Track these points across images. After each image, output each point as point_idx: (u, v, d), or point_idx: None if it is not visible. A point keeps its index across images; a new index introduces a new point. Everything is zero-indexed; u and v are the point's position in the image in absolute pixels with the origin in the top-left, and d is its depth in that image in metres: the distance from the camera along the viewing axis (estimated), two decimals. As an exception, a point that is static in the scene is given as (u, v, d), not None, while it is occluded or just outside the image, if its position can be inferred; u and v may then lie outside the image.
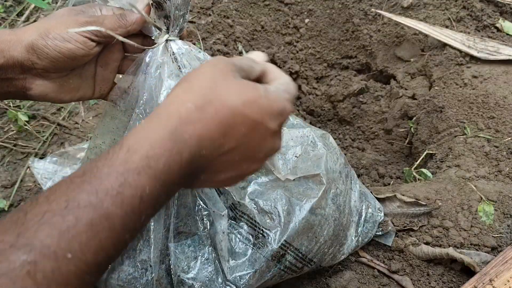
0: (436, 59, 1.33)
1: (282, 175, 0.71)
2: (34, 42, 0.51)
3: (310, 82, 1.53)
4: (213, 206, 0.66)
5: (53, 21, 0.53)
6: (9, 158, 1.05)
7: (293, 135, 0.75)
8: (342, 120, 1.48)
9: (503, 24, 1.37)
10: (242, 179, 0.47)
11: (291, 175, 0.71)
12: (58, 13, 0.55)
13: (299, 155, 0.73)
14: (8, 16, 1.33)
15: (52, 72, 0.55)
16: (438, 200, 0.91)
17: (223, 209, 0.66)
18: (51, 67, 0.54)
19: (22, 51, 0.52)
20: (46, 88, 0.57)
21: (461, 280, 0.81)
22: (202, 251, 0.67)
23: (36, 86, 0.56)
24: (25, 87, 0.56)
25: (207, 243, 0.67)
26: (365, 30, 1.52)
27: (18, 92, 0.57)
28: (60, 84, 0.58)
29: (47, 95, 0.57)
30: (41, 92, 0.57)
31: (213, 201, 0.66)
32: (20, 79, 0.55)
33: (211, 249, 0.67)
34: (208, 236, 0.68)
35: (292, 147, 0.74)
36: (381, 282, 0.81)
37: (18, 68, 0.54)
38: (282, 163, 0.72)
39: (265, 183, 0.71)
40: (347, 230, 0.78)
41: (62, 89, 0.58)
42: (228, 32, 1.43)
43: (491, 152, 1.03)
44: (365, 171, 1.26)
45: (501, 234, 0.86)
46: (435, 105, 1.22)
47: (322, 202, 0.71)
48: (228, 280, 0.65)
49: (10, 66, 0.53)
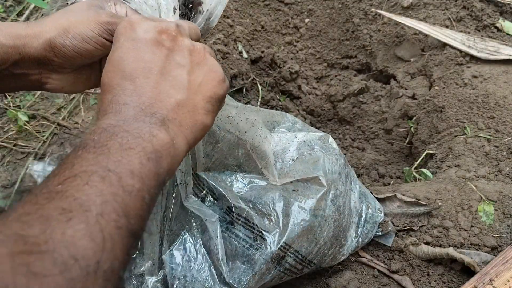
0: (436, 59, 1.33)
1: (278, 181, 0.71)
2: (52, 40, 0.50)
3: (310, 82, 1.53)
4: (204, 215, 0.67)
5: (72, 18, 0.51)
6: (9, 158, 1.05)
7: (289, 139, 0.75)
8: (342, 120, 1.48)
9: (503, 24, 1.37)
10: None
11: (288, 178, 0.71)
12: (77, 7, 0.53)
13: (296, 159, 0.74)
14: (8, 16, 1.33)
15: (67, 67, 0.55)
16: (438, 200, 0.91)
17: (214, 215, 0.67)
18: (67, 64, 0.53)
19: (39, 48, 0.50)
20: (61, 82, 0.56)
21: (461, 280, 0.81)
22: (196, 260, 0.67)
23: (52, 80, 0.55)
24: (40, 81, 0.55)
25: (200, 251, 0.67)
26: (365, 30, 1.52)
27: (34, 85, 0.56)
28: (74, 77, 0.57)
29: (63, 88, 0.57)
30: (57, 86, 0.56)
31: (203, 211, 0.67)
32: (36, 74, 0.54)
33: (206, 257, 0.67)
34: (201, 244, 0.68)
35: (288, 151, 0.74)
36: (381, 282, 0.81)
37: (34, 64, 0.52)
38: (279, 167, 0.73)
39: (263, 186, 0.71)
40: (347, 231, 0.78)
41: (76, 80, 0.58)
42: (228, 32, 1.43)
43: (491, 152, 1.03)
44: (365, 171, 1.26)
45: (501, 234, 0.86)
46: (435, 105, 1.22)
47: (322, 204, 0.71)
48: (228, 283, 0.65)
49: (25, 62, 0.51)
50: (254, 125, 0.68)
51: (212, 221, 0.66)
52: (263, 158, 0.70)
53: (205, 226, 0.68)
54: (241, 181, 0.72)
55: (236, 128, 0.67)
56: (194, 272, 0.66)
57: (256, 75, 1.45)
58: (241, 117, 0.67)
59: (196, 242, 0.68)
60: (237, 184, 0.72)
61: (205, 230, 0.68)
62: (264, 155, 0.70)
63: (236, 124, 0.67)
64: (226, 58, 1.34)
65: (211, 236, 0.66)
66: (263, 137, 0.69)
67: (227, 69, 1.32)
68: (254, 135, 0.68)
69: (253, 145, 0.69)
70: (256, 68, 1.47)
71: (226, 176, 0.72)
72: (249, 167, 0.71)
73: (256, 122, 0.68)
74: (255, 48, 1.46)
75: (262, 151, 0.70)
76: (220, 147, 0.68)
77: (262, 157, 0.70)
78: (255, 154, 0.70)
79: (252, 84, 1.42)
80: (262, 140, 0.69)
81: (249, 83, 1.40)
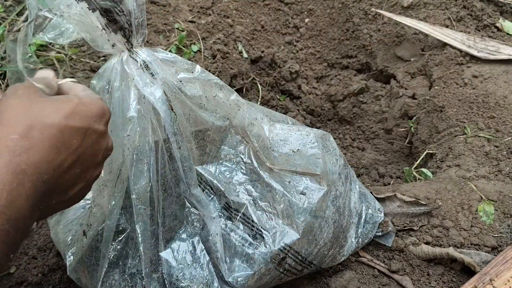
0: (436, 59, 1.33)
1: (274, 166, 0.70)
2: None
3: (310, 81, 1.53)
4: (203, 209, 0.66)
5: None
6: (9, 158, 1.05)
7: (292, 131, 0.75)
8: (342, 119, 1.48)
9: (503, 23, 1.37)
10: (88, 188, 0.47)
11: (286, 166, 0.71)
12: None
13: (296, 150, 0.73)
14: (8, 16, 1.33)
15: None
16: (438, 200, 0.91)
17: (214, 211, 0.66)
18: None
19: None
20: None
21: (461, 280, 0.81)
22: (194, 257, 0.67)
23: None
24: None
25: (199, 248, 0.67)
26: (365, 30, 1.52)
27: None
28: None
29: None
30: None
31: (203, 204, 0.67)
32: None
33: (204, 254, 0.67)
34: (200, 241, 0.67)
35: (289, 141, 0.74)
36: (381, 282, 0.81)
37: None
38: (278, 155, 0.72)
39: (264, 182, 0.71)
40: (347, 231, 0.78)
41: None
42: (228, 32, 1.43)
43: (491, 152, 1.03)
44: (365, 170, 1.26)
45: (501, 233, 0.86)
46: (435, 104, 1.22)
47: (323, 205, 0.71)
48: (226, 281, 0.65)
49: None
50: (240, 107, 0.67)
51: (212, 217, 0.66)
52: (257, 140, 0.70)
53: (204, 223, 0.67)
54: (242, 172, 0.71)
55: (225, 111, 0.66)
56: (192, 269, 0.66)
57: (256, 75, 1.45)
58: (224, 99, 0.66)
59: (194, 239, 0.68)
60: (237, 175, 0.71)
61: (204, 226, 0.68)
62: (257, 137, 0.69)
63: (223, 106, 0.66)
64: (226, 58, 1.34)
65: (210, 233, 0.66)
66: (251, 118, 0.69)
67: (227, 69, 1.32)
68: (242, 118, 0.68)
69: (243, 128, 0.68)
70: (256, 68, 1.46)
71: (224, 168, 0.71)
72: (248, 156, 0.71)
73: (240, 103, 0.67)
74: (255, 48, 1.46)
75: (253, 133, 0.69)
76: (211, 135, 0.68)
77: (255, 139, 0.70)
78: (248, 138, 0.69)
79: (252, 84, 1.42)
80: (251, 121, 0.69)
81: (249, 83, 1.40)
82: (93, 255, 0.67)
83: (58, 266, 0.83)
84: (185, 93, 0.61)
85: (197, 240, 0.68)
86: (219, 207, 0.70)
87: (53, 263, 0.83)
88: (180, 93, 0.60)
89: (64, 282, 0.81)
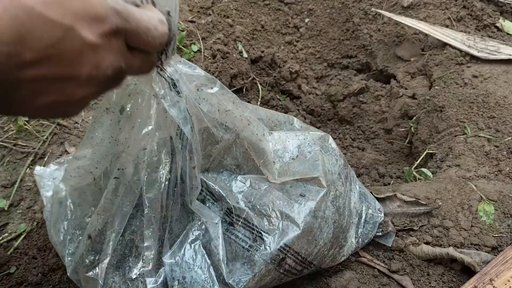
0: (436, 59, 1.33)
1: (277, 179, 0.71)
2: None
3: (310, 81, 1.53)
4: (206, 217, 0.67)
5: None
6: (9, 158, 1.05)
7: (289, 138, 0.75)
8: (342, 119, 1.48)
9: (504, 23, 1.37)
10: (71, 107, 0.39)
11: (287, 177, 0.71)
12: None
13: (296, 157, 0.73)
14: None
15: None
16: (438, 200, 0.91)
17: (216, 217, 0.67)
18: None
19: None
20: None
21: (461, 280, 0.81)
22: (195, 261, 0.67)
23: None
24: None
25: (200, 252, 0.67)
26: (365, 30, 1.52)
27: None
28: None
29: None
30: None
31: (204, 213, 0.68)
32: None
33: (205, 257, 0.67)
34: (201, 245, 0.68)
35: (288, 149, 0.74)
36: (381, 282, 0.81)
37: None
38: (279, 166, 0.72)
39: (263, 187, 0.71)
40: (347, 232, 0.78)
41: None
42: (228, 32, 1.43)
43: (491, 152, 1.03)
44: (365, 170, 1.26)
45: (501, 233, 0.86)
46: (435, 104, 1.22)
47: (322, 205, 0.71)
48: (227, 284, 0.65)
49: None
50: (250, 122, 0.67)
51: (214, 223, 0.67)
52: (262, 156, 0.70)
53: (205, 228, 0.68)
54: (240, 181, 0.72)
55: (234, 125, 0.66)
56: (193, 273, 0.66)
57: (256, 74, 1.45)
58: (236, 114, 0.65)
59: (196, 243, 0.68)
60: (236, 184, 0.72)
61: (206, 231, 0.68)
62: (262, 153, 0.70)
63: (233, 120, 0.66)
64: (226, 58, 1.34)
65: (211, 237, 0.67)
66: (259, 135, 0.69)
67: (227, 69, 1.32)
68: (251, 133, 0.68)
69: (251, 143, 0.69)
70: (256, 68, 1.46)
71: (225, 176, 0.72)
72: (248, 166, 0.71)
73: (251, 119, 0.67)
74: (255, 48, 1.46)
75: (260, 149, 0.70)
76: (218, 147, 0.68)
77: (260, 155, 0.70)
78: (253, 152, 0.69)
79: (252, 83, 1.42)
80: (259, 138, 0.69)
81: (249, 82, 1.40)
82: (95, 257, 0.67)
83: (58, 266, 0.83)
84: (202, 109, 0.60)
85: (198, 244, 0.68)
86: (221, 213, 0.70)
87: (53, 263, 0.83)
88: (199, 110, 0.59)
89: (64, 282, 0.81)
